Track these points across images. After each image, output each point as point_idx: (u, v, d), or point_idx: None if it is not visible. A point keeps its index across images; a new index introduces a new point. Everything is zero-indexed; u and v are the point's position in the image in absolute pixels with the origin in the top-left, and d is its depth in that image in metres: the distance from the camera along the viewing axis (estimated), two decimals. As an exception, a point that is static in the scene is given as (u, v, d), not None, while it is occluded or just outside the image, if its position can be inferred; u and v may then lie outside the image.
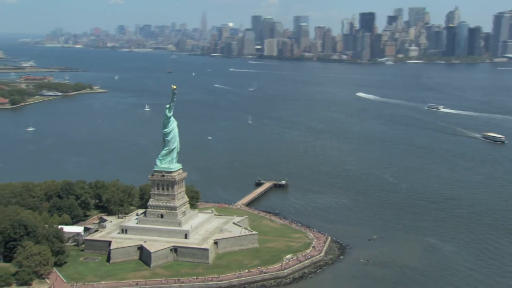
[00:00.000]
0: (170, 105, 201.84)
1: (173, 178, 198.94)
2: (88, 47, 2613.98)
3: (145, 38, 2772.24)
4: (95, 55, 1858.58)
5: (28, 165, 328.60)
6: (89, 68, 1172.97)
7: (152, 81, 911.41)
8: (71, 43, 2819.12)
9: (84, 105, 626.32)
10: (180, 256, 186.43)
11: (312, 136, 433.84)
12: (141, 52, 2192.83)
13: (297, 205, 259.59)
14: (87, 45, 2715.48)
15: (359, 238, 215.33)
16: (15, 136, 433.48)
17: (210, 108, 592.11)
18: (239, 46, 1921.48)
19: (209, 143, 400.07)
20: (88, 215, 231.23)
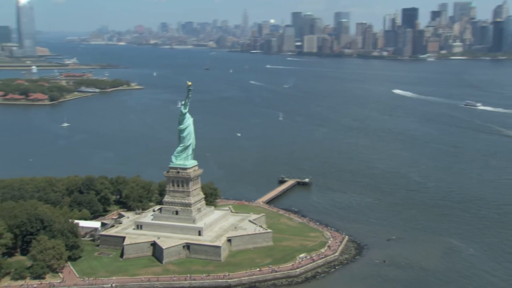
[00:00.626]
0: (185, 101, 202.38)
1: (188, 174, 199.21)
2: (131, 44, 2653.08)
3: (187, 35, 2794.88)
4: (137, 52, 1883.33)
5: (57, 160, 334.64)
6: (129, 65, 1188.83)
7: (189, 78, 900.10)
8: (115, 41, 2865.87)
9: (120, 101, 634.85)
10: (192, 253, 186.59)
11: (341, 134, 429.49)
12: (182, 49, 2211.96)
13: (319, 204, 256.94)
14: (130, 42, 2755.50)
15: (377, 238, 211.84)
16: (50, 131, 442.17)
17: (243, 105, 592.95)
18: (278, 42, 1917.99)
19: (238, 140, 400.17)
20: (108, 211, 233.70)
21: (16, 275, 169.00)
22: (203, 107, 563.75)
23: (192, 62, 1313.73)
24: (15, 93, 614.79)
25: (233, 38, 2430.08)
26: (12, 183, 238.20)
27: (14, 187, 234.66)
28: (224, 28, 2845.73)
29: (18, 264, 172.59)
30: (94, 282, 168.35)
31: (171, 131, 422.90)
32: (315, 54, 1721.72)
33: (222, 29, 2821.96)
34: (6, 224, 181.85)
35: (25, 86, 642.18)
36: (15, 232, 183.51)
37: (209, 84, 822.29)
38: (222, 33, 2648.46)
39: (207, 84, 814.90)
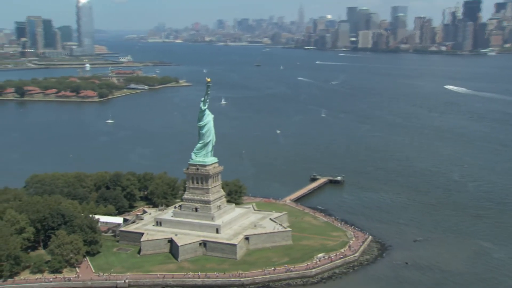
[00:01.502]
0: (204, 98, 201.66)
1: (207, 171, 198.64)
2: (187, 41, 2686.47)
3: (242, 32, 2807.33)
4: (191, 49, 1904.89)
5: (96, 156, 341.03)
6: (181, 62, 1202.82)
7: (238, 75, 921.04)
8: (172, 38, 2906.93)
9: (166, 98, 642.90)
10: (209, 251, 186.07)
11: (384, 131, 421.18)
12: (236, 46, 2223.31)
13: (348, 203, 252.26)
14: (186, 39, 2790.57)
15: (404, 239, 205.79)
16: (95, 127, 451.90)
17: (288, 101, 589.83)
18: (333, 38, 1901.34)
19: (276, 137, 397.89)
20: (135, 207, 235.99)
21: (34, 269, 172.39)
22: (248, 104, 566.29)
23: (244, 59, 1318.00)
24: (67, 90, 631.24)
25: (288, 35, 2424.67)
26: (44, 178, 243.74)
27: (46, 182, 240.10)
28: (280, 25, 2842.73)
29: (37, 258, 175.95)
30: (109, 277, 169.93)
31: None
32: (370, 50, 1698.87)
33: (278, 26, 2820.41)
34: (28, 218, 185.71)
35: (76, 83, 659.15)
36: (37, 227, 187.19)
37: (257, 80, 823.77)
38: (277, 30, 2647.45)
39: (256, 81, 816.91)
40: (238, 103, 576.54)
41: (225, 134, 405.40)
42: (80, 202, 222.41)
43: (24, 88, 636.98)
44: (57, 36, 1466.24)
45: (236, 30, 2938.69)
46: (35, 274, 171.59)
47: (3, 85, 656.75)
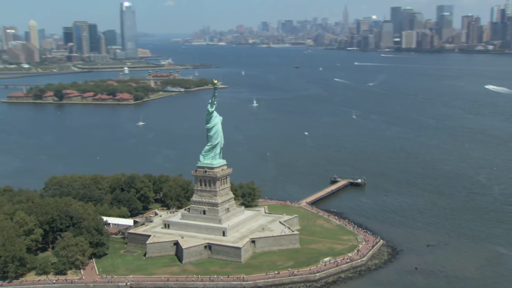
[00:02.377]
0: (212, 100, 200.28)
1: (214, 174, 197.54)
2: (230, 44, 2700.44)
3: (286, 34, 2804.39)
4: (233, 51, 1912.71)
5: (122, 158, 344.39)
6: (221, 65, 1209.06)
7: (275, 76, 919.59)
8: (216, 41, 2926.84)
9: (200, 100, 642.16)
10: (214, 254, 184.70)
11: (414, 133, 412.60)
12: (278, 47, 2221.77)
13: (366, 205, 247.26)
14: (230, 42, 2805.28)
15: (417, 244, 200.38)
16: (125, 130, 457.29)
17: (321, 103, 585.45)
18: (376, 39, 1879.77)
19: (303, 139, 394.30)
20: (150, 209, 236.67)
21: (40, 270, 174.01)
22: (280, 106, 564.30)
23: (284, 60, 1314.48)
24: (103, 93, 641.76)
25: (331, 36, 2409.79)
26: (62, 180, 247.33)
27: (63, 183, 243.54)
28: (324, 26, 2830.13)
29: (43, 260, 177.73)
30: (112, 280, 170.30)
31: (238, 129, 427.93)
32: (414, 50, 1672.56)
33: (322, 27, 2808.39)
34: (37, 220, 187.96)
35: (113, 86, 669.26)
36: (45, 228, 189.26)
37: (294, 82, 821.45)
38: (321, 31, 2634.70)
39: (292, 82, 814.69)
40: (270, 104, 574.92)
41: (252, 136, 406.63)
42: (94, 204, 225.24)
43: (63, 92, 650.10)
44: (102, 41, 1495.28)
45: (280, 32, 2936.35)
46: (40, 275, 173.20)
47: (44, 89, 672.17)
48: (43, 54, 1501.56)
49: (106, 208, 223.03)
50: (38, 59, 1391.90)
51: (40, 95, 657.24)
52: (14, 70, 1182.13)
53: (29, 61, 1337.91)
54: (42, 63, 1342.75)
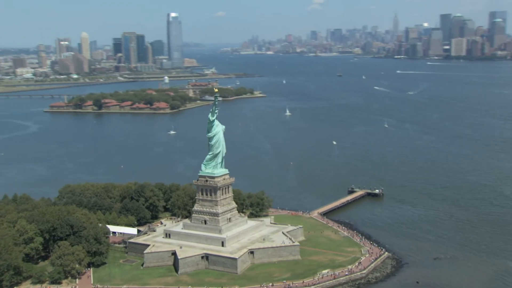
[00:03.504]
0: (213, 109, 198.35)
1: (215, 183, 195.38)
2: (278, 53, 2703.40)
3: (334, 42, 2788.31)
4: (280, 60, 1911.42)
5: (145, 167, 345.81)
6: (265, 74, 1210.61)
7: (316, 85, 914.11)
8: (264, 50, 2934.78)
9: (236, 109, 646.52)
10: (211, 264, 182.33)
11: (446, 143, 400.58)
12: (325, 56, 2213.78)
13: (380, 217, 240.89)
14: (277, 51, 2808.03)
15: (425, 256, 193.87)
16: (155, 138, 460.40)
17: (356, 111, 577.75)
18: (424, 46, 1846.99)
19: (330, 148, 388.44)
20: (159, 218, 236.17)
21: (35, 279, 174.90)
22: (314, 115, 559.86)
23: (328, 69, 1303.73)
24: (141, 102, 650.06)
25: (379, 44, 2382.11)
26: (76, 188, 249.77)
27: (76, 192, 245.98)
28: (373, 34, 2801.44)
29: (39, 269, 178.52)
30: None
31: (268, 139, 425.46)
32: (464, 58, 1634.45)
33: (371, 35, 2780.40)
34: (38, 228, 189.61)
35: (151, 95, 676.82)
36: (45, 237, 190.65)
37: (333, 91, 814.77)
38: (370, 39, 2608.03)
39: (332, 91, 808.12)
40: (304, 113, 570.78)
41: (279, 144, 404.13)
42: (103, 213, 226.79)
43: (101, 101, 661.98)
44: (149, 51, 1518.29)
45: (328, 41, 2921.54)
46: (36, 284, 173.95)
47: (84, 98, 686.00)
48: (92, 64, 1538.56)
49: (114, 217, 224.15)
50: (87, 69, 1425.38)
51: (80, 104, 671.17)
52: (63, 81, 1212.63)
53: (78, 72, 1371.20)
54: (90, 73, 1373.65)
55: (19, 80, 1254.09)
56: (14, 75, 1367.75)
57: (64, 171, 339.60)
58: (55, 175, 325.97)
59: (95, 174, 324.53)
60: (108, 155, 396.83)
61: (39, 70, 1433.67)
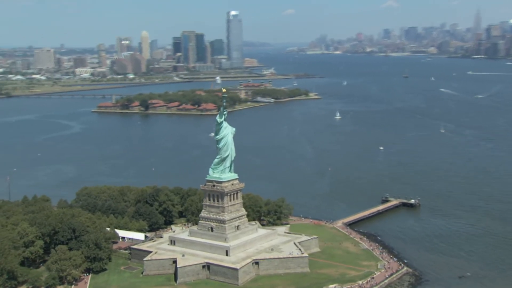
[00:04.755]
0: (221, 110, 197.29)
1: (222, 189, 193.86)
2: (346, 52, 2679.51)
3: (408, 41, 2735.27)
4: (347, 60, 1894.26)
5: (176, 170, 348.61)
6: (326, 74, 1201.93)
7: (378, 87, 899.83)
8: (332, 50, 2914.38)
9: (287, 111, 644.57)
10: (212, 274, 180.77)
11: (506, 151, 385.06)
12: (396, 56, 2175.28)
13: (411, 229, 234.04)
14: (346, 51, 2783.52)
15: (449, 274, 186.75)
16: (195, 141, 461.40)
17: (414, 115, 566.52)
18: (506, 45, 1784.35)
19: (375, 154, 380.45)
20: (175, 223, 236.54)
21: (29, 284, 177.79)
22: (366, 118, 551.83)
23: (395, 69, 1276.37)
24: (188, 103, 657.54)
25: (457, 43, 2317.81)
26: (92, 191, 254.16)
27: (92, 194, 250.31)
28: (452, 32, 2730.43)
29: (34, 274, 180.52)
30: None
31: (312, 143, 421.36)
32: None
33: (449, 33, 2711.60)
34: (39, 231, 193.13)
35: (199, 96, 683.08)
36: (46, 240, 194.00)
37: (395, 93, 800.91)
38: (448, 38, 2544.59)
39: (393, 93, 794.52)
40: (356, 116, 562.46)
41: (321, 149, 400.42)
42: (116, 217, 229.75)
43: (148, 102, 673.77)
44: (208, 50, 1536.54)
45: (402, 40, 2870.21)
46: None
47: (132, 98, 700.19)
48: (151, 64, 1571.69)
49: (126, 221, 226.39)
50: (145, 69, 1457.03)
51: (127, 105, 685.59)
52: (119, 80, 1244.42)
53: (136, 72, 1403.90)
54: (147, 73, 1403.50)
55: (76, 80, 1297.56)
56: (73, 75, 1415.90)
57: (93, 173, 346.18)
58: (82, 177, 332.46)
59: (124, 176, 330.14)
60: (142, 157, 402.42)
61: (97, 70, 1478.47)
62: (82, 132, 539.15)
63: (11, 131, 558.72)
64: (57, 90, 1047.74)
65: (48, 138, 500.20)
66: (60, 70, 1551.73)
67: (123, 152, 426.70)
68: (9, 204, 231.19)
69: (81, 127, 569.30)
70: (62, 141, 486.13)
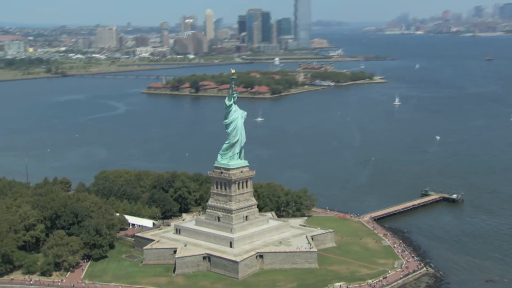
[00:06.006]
0: (230, 92, 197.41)
1: (230, 176, 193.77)
2: (429, 32, 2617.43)
3: (503, 20, 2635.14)
4: (427, 41, 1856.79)
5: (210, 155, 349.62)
6: (399, 57, 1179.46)
7: (453, 70, 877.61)
8: (413, 30, 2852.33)
9: (345, 96, 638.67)
10: (213, 267, 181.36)
11: None
12: (485, 36, 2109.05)
13: (447, 226, 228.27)
14: (428, 31, 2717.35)
15: (476, 277, 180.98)
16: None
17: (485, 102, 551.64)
18: None
19: (429, 144, 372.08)
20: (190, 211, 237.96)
21: (24, 270, 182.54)
22: (431, 105, 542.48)
23: (480, 51, 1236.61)
24: (240, 85, 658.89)
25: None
26: (109, 175, 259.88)
27: (110, 178, 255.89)
28: None
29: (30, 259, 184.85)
30: (86, 286, 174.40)
31: (362, 131, 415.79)
32: None
33: None
34: (41, 215, 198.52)
35: (252, 79, 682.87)
36: (47, 224, 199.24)
37: (472, 77, 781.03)
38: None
39: (470, 78, 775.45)
40: (419, 103, 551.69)
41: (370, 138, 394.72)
42: (130, 202, 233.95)
43: (199, 83, 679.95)
44: (273, 30, 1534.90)
45: (495, 18, 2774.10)
46: (26, 275, 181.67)
47: (183, 80, 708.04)
48: (214, 44, 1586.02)
49: (139, 207, 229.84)
50: (207, 49, 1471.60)
51: (178, 86, 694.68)
52: (177, 61, 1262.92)
53: (197, 52, 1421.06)
54: (209, 53, 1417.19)
55: (134, 60, 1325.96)
56: (133, 54, 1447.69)
57: (124, 157, 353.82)
58: (111, 160, 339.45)
59: (155, 161, 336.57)
60: (180, 141, 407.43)
61: (157, 50, 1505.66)
62: (126, 114, 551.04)
63: (57, 110, 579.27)
64: (112, 70, 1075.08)
65: (91, 119, 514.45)
66: (121, 49, 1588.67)
67: (162, 135, 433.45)
68: (19, 186, 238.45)
69: (126, 109, 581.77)
70: (104, 122, 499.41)
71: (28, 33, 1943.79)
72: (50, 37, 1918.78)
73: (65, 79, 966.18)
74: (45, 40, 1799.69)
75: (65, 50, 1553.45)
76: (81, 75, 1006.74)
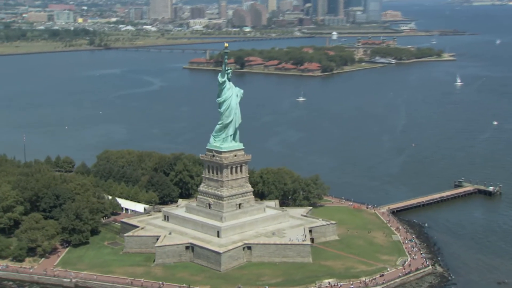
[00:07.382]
0: (223, 68, 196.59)
1: (221, 160, 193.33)
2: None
3: None
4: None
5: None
6: (482, 31, 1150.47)
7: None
8: (506, 0, 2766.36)
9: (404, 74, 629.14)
10: (196, 257, 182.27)
11: None
12: None
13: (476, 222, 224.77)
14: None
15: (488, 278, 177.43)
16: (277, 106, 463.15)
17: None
18: None
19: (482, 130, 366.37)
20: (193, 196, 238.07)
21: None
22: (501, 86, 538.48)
23: None
24: (289, 62, 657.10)
25: None
26: (111, 155, 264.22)
27: (111, 159, 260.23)
28: None
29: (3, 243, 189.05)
30: (57, 274, 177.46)
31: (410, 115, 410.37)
32: None
33: None
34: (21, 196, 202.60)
35: (303, 54, 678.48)
36: (26, 206, 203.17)
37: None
38: None
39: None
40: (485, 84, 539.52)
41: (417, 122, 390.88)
42: (128, 185, 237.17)
43: (244, 59, 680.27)
44: (341, 1, 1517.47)
45: None
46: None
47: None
48: (274, 16, 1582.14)
49: (136, 191, 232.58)
50: (266, 22, 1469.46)
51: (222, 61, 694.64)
52: (232, 34, 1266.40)
53: (255, 24, 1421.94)
54: (267, 26, 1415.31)
55: (186, 33, 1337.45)
56: (187, 26, 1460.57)
57: (142, 136, 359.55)
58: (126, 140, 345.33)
59: (174, 142, 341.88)
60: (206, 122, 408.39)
61: (213, 22, 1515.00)
62: (159, 90, 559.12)
63: (88, 85, 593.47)
64: (159, 43, 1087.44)
65: (121, 95, 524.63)
66: (175, 21, 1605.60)
67: (189, 115, 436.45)
68: (7, 164, 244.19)
69: (161, 85, 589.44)
70: (134, 99, 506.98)
71: (82, 2, 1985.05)
72: (105, 7, 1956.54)
73: (108, 52, 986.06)
74: (98, 10, 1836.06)
75: (115, 22, 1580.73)
76: (125, 48, 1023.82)
